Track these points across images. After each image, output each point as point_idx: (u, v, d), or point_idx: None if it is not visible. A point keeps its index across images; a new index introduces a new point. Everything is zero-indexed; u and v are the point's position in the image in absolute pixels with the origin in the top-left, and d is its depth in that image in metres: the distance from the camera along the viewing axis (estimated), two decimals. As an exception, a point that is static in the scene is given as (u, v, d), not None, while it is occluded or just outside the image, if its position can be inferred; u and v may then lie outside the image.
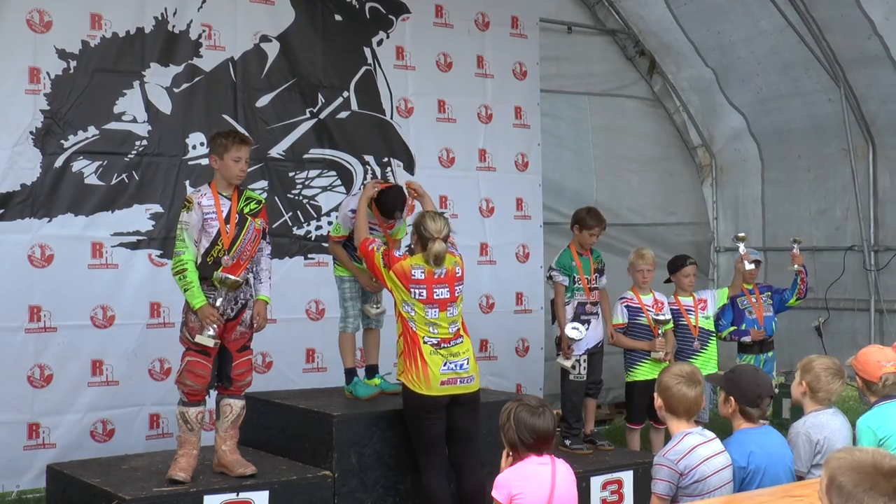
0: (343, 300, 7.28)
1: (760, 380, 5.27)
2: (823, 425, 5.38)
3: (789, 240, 9.83)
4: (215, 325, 6.05)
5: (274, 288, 6.58)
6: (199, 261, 6.14)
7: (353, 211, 7.09)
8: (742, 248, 8.82)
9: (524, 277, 10.21)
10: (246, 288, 6.31)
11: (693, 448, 4.84)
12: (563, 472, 4.51)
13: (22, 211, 7.86)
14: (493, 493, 4.49)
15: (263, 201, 6.53)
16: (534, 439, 4.46)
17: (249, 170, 8.52)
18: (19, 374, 7.80)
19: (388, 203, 7.05)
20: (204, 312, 6.04)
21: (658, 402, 5.02)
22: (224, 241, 6.14)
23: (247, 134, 7.17)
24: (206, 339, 6.03)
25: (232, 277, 6.06)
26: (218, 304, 6.07)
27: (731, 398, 5.15)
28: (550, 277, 8.26)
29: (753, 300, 9.09)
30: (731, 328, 9.05)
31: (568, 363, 7.98)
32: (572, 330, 7.92)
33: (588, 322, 8.02)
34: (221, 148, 6.21)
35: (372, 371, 7.39)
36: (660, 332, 8.29)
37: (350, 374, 7.30)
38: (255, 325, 6.35)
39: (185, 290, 6.09)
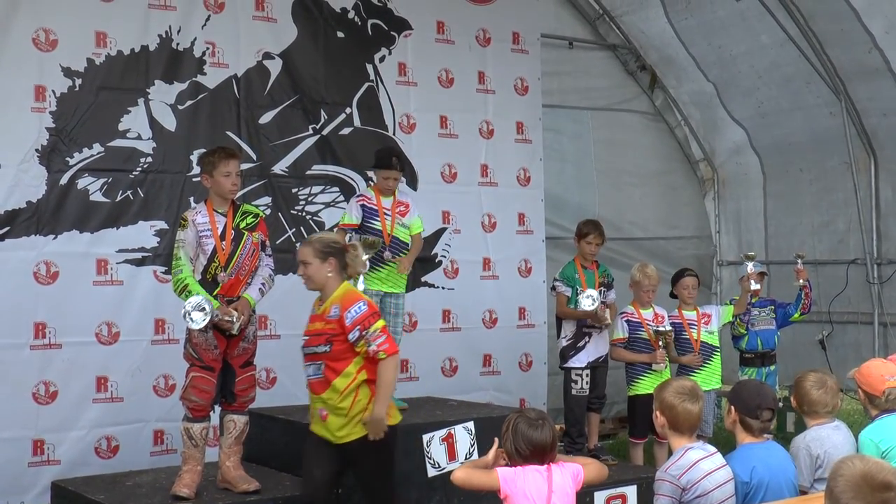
0: None
1: (763, 392, 5.30)
2: (824, 439, 5.39)
3: (792, 253, 9.86)
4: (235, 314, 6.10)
5: (277, 304, 6.60)
6: (198, 278, 6.16)
7: (360, 195, 7.20)
8: (750, 266, 8.78)
9: (527, 292, 10.22)
10: (247, 303, 6.33)
11: (695, 463, 4.85)
12: (559, 481, 4.50)
13: (27, 228, 7.89)
14: (501, 481, 4.46)
15: (262, 215, 6.54)
16: (530, 451, 4.46)
17: (252, 186, 8.64)
18: (24, 390, 7.81)
19: (383, 155, 7.25)
20: (221, 309, 6.08)
21: (661, 420, 5.02)
22: (220, 257, 6.16)
23: (232, 148, 7.18)
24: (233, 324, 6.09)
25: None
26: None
27: (732, 408, 5.19)
28: (554, 288, 8.29)
29: (755, 312, 9.15)
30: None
31: (607, 317, 8.04)
32: (586, 299, 7.92)
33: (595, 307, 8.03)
34: (210, 166, 6.24)
35: None
36: (660, 343, 8.30)
37: None
38: (251, 336, 6.32)
39: None
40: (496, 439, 4.61)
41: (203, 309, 5.94)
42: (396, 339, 7.25)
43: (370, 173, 8.92)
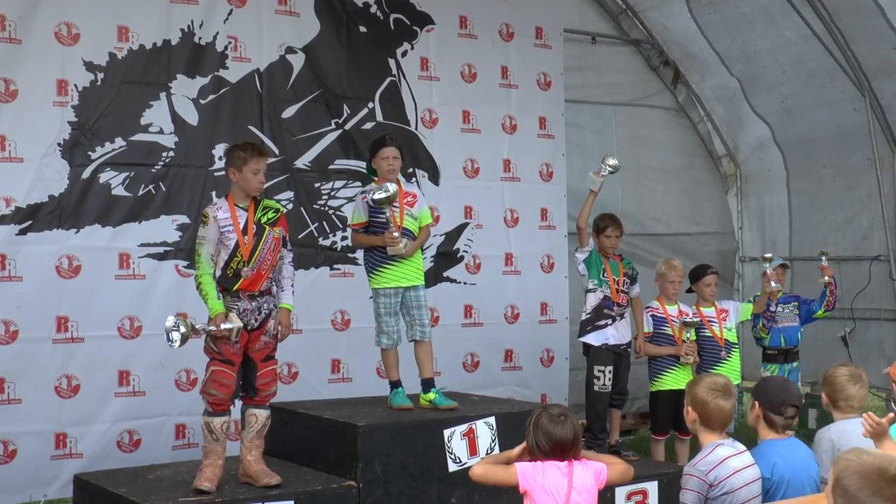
0: (377, 315, 7.17)
1: (787, 388, 5.28)
2: (850, 434, 5.35)
3: (815, 249, 9.81)
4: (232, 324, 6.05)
5: (299, 298, 6.56)
6: (220, 273, 6.16)
7: (364, 192, 7.11)
8: (768, 268, 8.80)
9: (549, 288, 10.21)
10: (269, 297, 6.32)
11: (724, 459, 4.84)
12: (580, 478, 4.48)
13: (50, 222, 7.92)
14: (519, 477, 4.46)
15: (282, 209, 6.53)
16: (550, 447, 4.46)
17: (275, 181, 8.64)
18: (47, 384, 7.85)
19: (375, 139, 7.11)
20: (217, 319, 6.06)
21: (692, 415, 5.00)
22: (243, 252, 6.15)
23: (264, 146, 7.18)
24: (228, 324, 6.03)
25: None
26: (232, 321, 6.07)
27: (756, 403, 5.18)
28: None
29: (779, 309, 9.11)
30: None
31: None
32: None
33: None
34: (240, 161, 6.22)
35: (428, 385, 7.22)
36: (685, 336, 8.26)
37: (394, 385, 7.24)
38: (278, 334, 6.36)
39: (205, 302, 6.16)
40: None
41: (178, 329, 5.95)
42: (426, 333, 7.22)
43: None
